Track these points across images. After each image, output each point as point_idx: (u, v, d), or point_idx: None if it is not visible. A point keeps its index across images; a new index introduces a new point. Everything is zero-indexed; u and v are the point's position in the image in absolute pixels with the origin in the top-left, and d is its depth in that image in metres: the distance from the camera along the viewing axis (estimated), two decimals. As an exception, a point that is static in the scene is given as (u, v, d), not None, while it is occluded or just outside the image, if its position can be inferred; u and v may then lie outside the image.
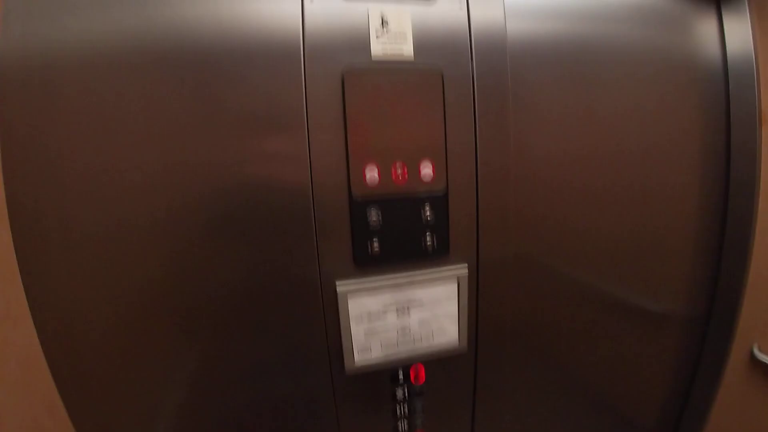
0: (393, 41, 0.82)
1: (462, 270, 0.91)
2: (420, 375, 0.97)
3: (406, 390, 1.00)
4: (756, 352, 1.45)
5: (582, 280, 1.30)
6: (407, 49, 0.83)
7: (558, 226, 1.14)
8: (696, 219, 1.41)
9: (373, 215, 0.83)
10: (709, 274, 1.54)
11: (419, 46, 0.84)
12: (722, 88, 1.29)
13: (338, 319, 0.89)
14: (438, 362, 0.99)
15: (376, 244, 0.85)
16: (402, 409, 1.02)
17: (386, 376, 0.98)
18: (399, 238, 0.86)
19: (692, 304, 1.57)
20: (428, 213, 0.85)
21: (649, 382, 1.71)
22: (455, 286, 0.91)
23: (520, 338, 1.25)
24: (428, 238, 0.87)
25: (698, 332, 1.66)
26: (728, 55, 1.27)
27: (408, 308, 0.91)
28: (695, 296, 1.56)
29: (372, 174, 0.82)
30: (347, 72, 0.80)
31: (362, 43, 0.82)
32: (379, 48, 0.82)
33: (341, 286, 0.86)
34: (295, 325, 0.89)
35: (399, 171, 0.83)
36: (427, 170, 0.85)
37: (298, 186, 0.81)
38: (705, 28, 1.25)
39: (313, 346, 0.91)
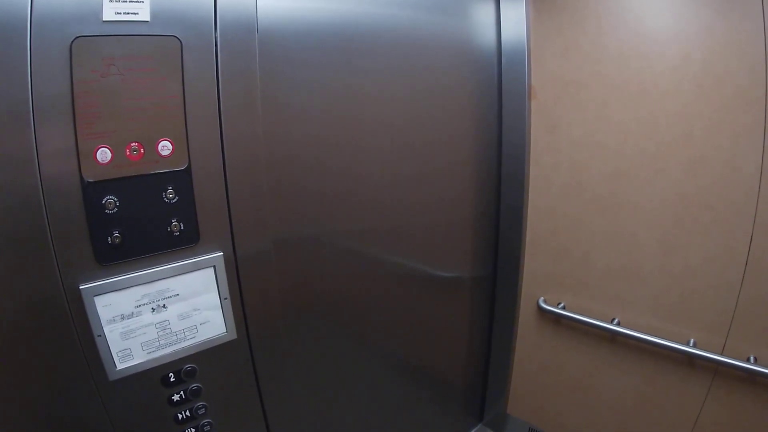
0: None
1: (217, 256, 0.90)
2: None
3: (182, 393, 0.96)
4: (541, 303, 1.64)
5: (367, 257, 1.33)
6: (143, 11, 0.79)
7: (332, 208, 1.16)
8: (474, 190, 1.54)
9: (110, 200, 0.79)
10: (491, 240, 1.70)
11: (157, 9, 0.80)
12: (496, 67, 1.45)
13: (89, 325, 0.83)
14: (213, 356, 0.96)
15: (117, 235, 0.81)
16: (184, 414, 0.98)
17: (157, 380, 0.92)
18: (142, 224, 0.83)
19: (479, 267, 1.71)
20: (171, 193, 0.83)
21: (450, 344, 1.81)
22: (212, 274, 0.91)
23: (301, 318, 1.22)
24: (175, 223, 0.85)
25: (488, 292, 1.81)
26: (503, 36, 1.44)
27: (163, 303, 0.88)
28: (480, 261, 1.71)
29: (104, 152, 0.78)
30: (76, 41, 0.74)
31: (95, 5, 0.75)
32: (111, 9, 0.76)
33: (85, 288, 0.81)
34: (49, 344, 0.81)
35: (134, 146, 0.80)
36: (165, 145, 0.83)
37: (24, 181, 0.72)
38: (483, 12, 1.40)
39: (71, 361, 0.83)
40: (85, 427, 0.89)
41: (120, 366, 0.88)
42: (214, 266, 0.90)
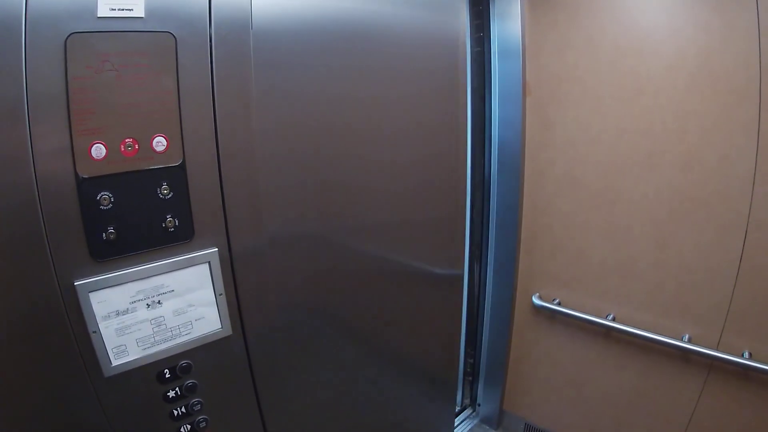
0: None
1: (212, 252, 0.90)
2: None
3: (178, 389, 0.96)
4: (535, 300, 1.64)
5: (364, 253, 1.32)
6: (138, 7, 0.78)
7: (328, 204, 1.15)
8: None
9: (105, 196, 0.79)
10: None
11: (152, 5, 0.80)
12: (491, 63, 1.46)
13: (84, 321, 0.83)
14: (208, 352, 0.96)
15: (111, 231, 0.81)
16: (179, 410, 0.98)
17: (152, 376, 0.92)
18: (137, 220, 0.83)
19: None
20: (166, 189, 0.83)
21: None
22: (207, 270, 0.91)
23: (297, 314, 1.20)
24: (170, 219, 0.85)
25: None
26: (498, 32, 1.44)
27: (158, 299, 0.88)
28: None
29: (99, 148, 0.78)
30: (71, 38, 0.73)
31: (89, 2, 0.75)
32: (105, 6, 0.76)
33: (80, 284, 0.81)
34: (44, 340, 0.81)
35: (129, 142, 0.80)
36: (160, 141, 0.83)
37: (18, 177, 0.72)
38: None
39: (67, 357, 0.83)
40: (81, 424, 0.89)
41: (115, 362, 0.88)
42: (209, 262, 0.91)
